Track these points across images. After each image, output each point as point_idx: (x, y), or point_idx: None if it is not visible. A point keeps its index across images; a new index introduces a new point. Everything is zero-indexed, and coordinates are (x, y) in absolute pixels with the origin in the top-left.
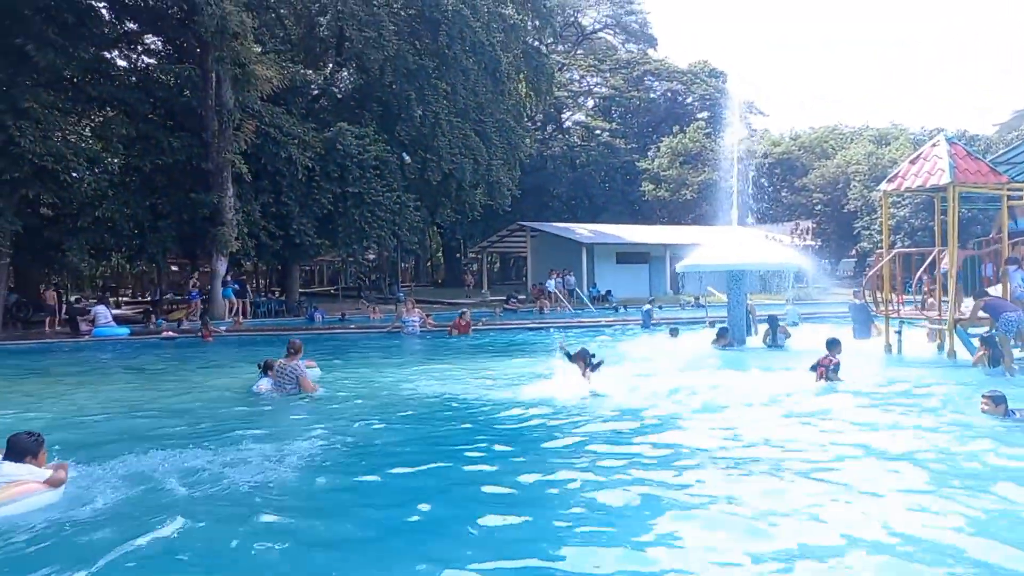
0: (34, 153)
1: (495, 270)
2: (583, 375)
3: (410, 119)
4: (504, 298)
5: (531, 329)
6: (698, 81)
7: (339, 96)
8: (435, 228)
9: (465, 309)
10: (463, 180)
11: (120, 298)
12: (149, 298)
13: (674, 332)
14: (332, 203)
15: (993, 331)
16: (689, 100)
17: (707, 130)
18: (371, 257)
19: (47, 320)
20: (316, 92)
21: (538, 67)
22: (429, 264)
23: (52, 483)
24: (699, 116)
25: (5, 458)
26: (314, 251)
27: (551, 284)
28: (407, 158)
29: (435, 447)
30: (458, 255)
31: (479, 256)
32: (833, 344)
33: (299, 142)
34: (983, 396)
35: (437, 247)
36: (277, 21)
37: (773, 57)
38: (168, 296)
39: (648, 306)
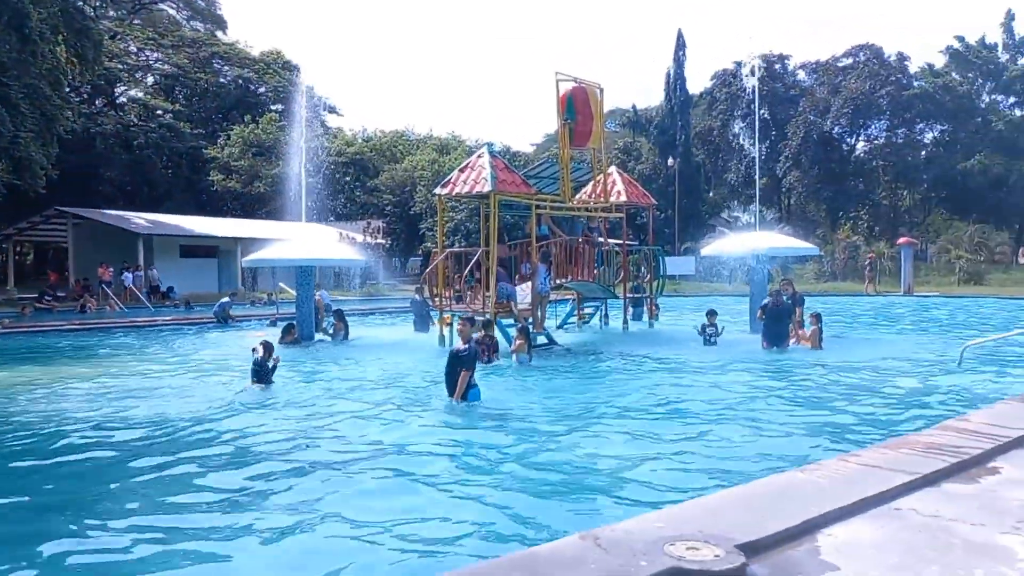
0: None
1: (28, 262)
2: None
3: None
4: (35, 295)
5: (72, 331)
6: (271, 71)
7: None
8: None
9: None
10: None
11: None
12: None
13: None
14: None
15: (526, 322)
16: (262, 90)
17: (281, 123)
18: None
19: None
20: None
21: (82, 30)
22: None
23: None
24: (273, 108)
25: None
26: None
27: (128, 278)
28: None
29: None
30: None
31: (3, 246)
32: (487, 324)
33: None
34: (459, 319)
35: None
36: None
37: (346, 56)
38: None
39: (227, 299)
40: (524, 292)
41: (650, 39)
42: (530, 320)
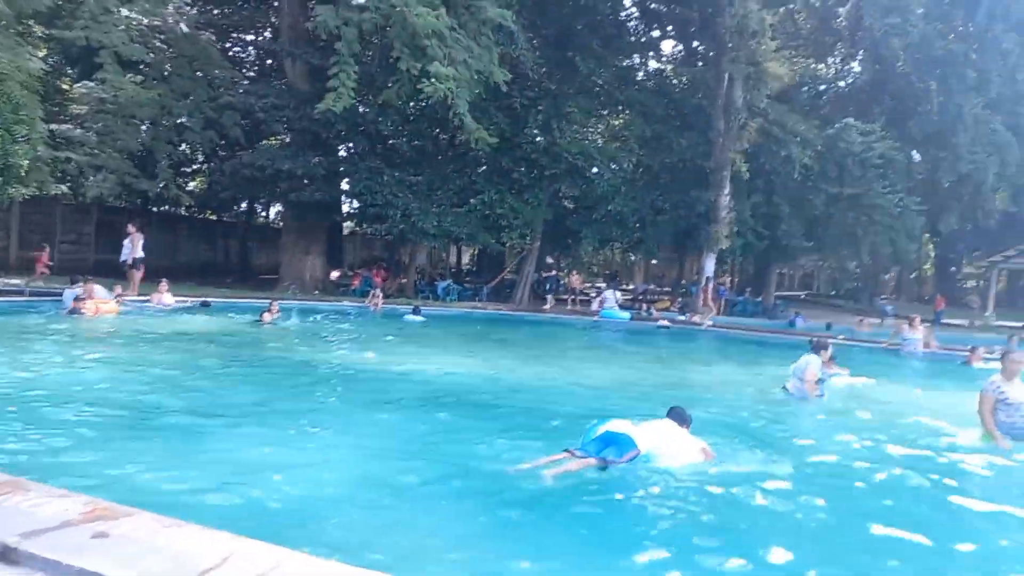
0: (569, 152)
1: (999, 290)
2: None
3: (926, 113)
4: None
5: None
6: None
7: (845, 90)
8: (930, 236)
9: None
10: (982, 182)
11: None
12: (633, 287)
13: None
14: (824, 204)
15: None
16: None
17: None
18: (853, 264)
19: (568, 299)
20: (821, 87)
21: None
22: (915, 276)
23: (707, 454)
24: None
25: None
26: (798, 254)
27: None
28: (916, 156)
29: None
30: (952, 268)
31: (984, 272)
32: None
33: (800, 140)
34: None
35: (927, 258)
36: (788, 16)
37: None
38: (651, 287)
39: None
40: None
41: None
42: None
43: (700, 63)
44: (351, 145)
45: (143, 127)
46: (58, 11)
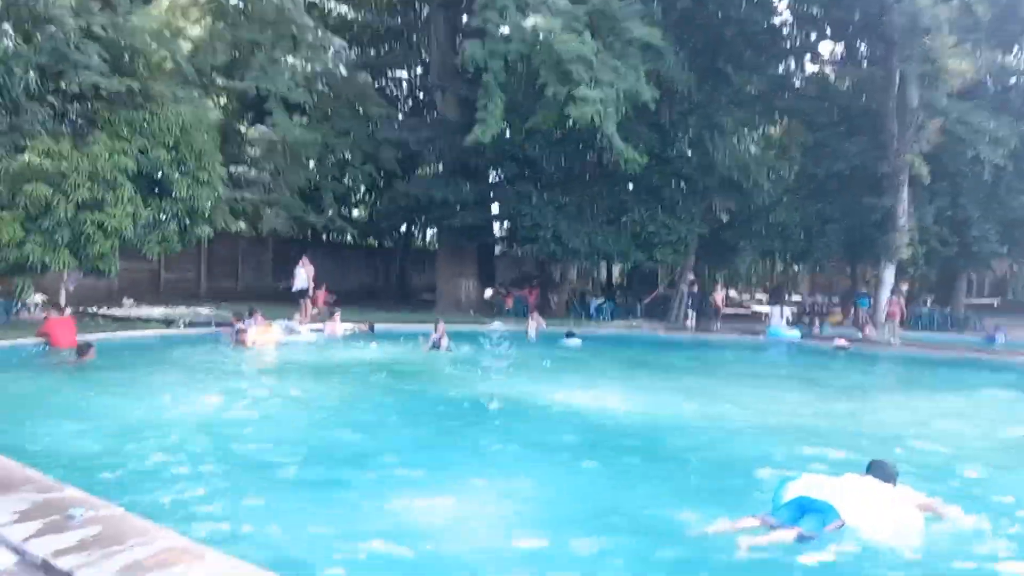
0: (723, 165)
1: None
2: None
3: None
4: None
5: None
6: None
7: None
8: None
9: None
10: None
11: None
12: (800, 300)
13: None
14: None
15: None
16: None
17: None
18: None
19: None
20: (1011, 80)
21: None
22: None
23: (928, 507)
24: None
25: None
26: (991, 259)
27: None
28: None
29: None
30: None
31: None
32: None
33: (989, 138)
34: None
35: None
36: (964, 7)
37: None
38: (820, 299)
39: None
40: None
41: None
42: None
43: (865, 63)
44: (500, 170)
45: (310, 165)
46: (234, 63)
